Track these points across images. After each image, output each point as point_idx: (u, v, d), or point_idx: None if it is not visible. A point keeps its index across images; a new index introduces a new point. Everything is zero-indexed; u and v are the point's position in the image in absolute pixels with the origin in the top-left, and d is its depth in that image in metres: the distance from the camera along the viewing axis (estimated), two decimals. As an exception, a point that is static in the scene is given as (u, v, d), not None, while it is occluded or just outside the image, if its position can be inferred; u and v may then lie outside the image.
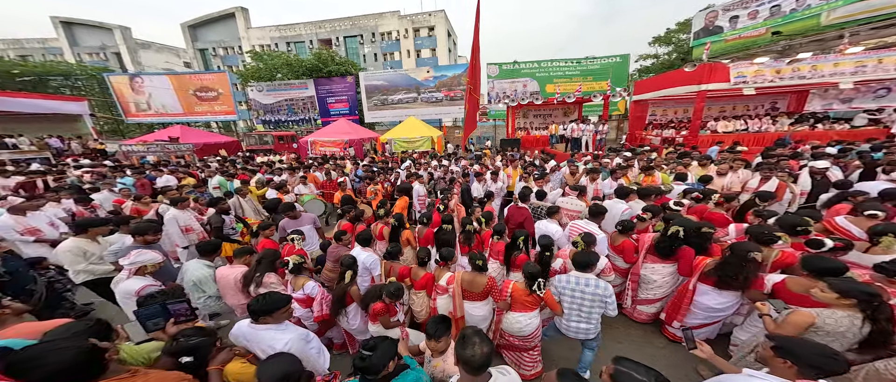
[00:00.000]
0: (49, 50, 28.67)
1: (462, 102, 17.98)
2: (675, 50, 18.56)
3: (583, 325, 1.81)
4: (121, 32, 29.29)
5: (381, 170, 6.07)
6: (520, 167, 5.40)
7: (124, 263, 1.97)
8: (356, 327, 2.00)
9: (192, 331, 1.33)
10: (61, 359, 0.94)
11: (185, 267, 2.20)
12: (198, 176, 6.62)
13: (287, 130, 17.70)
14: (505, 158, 6.41)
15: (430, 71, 18.72)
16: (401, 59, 31.32)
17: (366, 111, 19.31)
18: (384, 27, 31.21)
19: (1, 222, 2.85)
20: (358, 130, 13.20)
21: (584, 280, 1.77)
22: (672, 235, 2.06)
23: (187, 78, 18.72)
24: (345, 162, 7.55)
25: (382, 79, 19.14)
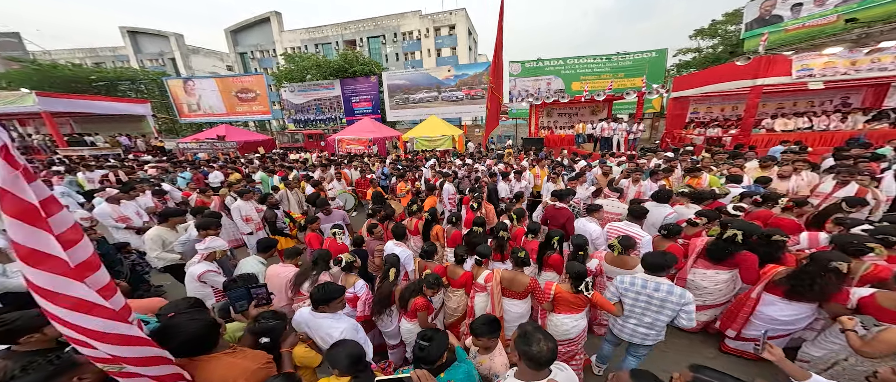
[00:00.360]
0: (118, 57, 32.67)
1: (483, 100, 17.80)
2: (722, 42, 16.83)
3: (642, 329, 1.71)
4: (175, 39, 32.59)
5: (406, 168, 6.22)
6: (546, 167, 5.25)
7: (199, 247, 2.19)
8: (391, 329, 1.98)
9: (269, 314, 1.46)
10: (194, 329, 1.11)
11: (242, 263, 2.31)
12: (243, 172, 7.19)
13: (315, 128, 18.69)
14: (531, 157, 6.26)
15: (451, 70, 18.73)
16: (421, 58, 31.62)
17: (388, 110, 19.80)
18: (406, 27, 31.63)
19: (100, 210, 3.29)
20: (381, 129, 13.57)
21: (654, 284, 1.63)
22: (728, 239, 1.89)
23: (230, 80, 20.41)
24: (373, 160, 7.82)
25: (404, 78, 19.48)
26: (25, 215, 0.77)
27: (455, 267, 2.22)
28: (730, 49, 15.73)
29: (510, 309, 2.01)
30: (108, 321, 0.87)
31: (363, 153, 10.42)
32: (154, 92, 23.60)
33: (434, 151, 10.10)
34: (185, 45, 33.21)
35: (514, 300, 2.01)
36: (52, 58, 28.25)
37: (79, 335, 0.87)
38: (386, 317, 1.92)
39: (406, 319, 1.88)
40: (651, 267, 1.68)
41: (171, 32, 32.60)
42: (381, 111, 19.99)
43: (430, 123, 12.95)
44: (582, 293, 1.77)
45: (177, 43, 32.60)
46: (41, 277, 0.79)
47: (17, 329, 1.14)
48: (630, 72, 14.21)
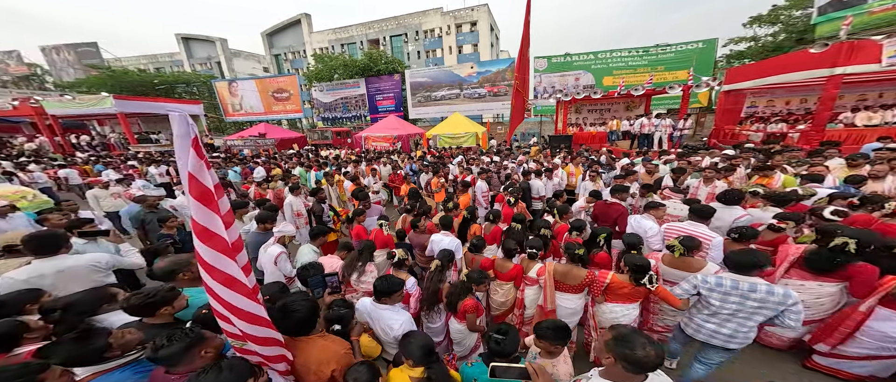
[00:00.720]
0: (174, 62, 36.49)
1: (505, 97, 17.39)
2: (784, 29, 14.79)
3: (725, 331, 1.54)
4: (220, 44, 35.65)
5: (432, 164, 6.27)
6: (581, 165, 5.01)
7: (274, 230, 2.37)
8: (437, 326, 1.94)
9: (340, 302, 1.54)
10: (306, 311, 1.21)
11: (300, 251, 2.46)
12: (283, 167, 7.68)
13: (341, 126, 19.51)
14: (562, 155, 6.00)
15: (473, 67, 18.50)
16: (443, 55, 31.56)
17: (410, 108, 20.08)
18: (427, 25, 31.71)
19: (179, 201, 3.66)
20: (405, 126, 13.82)
21: (749, 285, 1.47)
22: (836, 247, 1.66)
23: (267, 81, 21.92)
24: (402, 157, 8.00)
25: (426, 76, 19.60)
26: (204, 197, 0.90)
27: (504, 261, 2.19)
28: (796, 36, 13.77)
29: (563, 304, 1.95)
30: (246, 298, 0.98)
31: (392, 150, 10.69)
32: (204, 93, 26.08)
33: (460, 148, 10.08)
34: (228, 50, 36.21)
35: (567, 295, 1.95)
36: (123, 64, 32.25)
37: (223, 308, 0.98)
38: (434, 314, 1.91)
39: (455, 320, 1.83)
40: (739, 266, 1.53)
41: (217, 38, 35.71)
42: (404, 109, 20.33)
43: (454, 120, 12.93)
44: (644, 286, 1.68)
45: (222, 47, 35.65)
46: (208, 252, 0.92)
47: (156, 304, 1.30)
48: (672, 64, 13.02)
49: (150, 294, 1.30)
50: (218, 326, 1.19)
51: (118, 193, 4.15)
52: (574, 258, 1.91)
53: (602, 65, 14.64)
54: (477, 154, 7.30)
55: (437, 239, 2.49)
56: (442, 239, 2.46)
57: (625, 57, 14.10)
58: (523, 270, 2.13)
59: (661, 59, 13.34)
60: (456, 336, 1.84)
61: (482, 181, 4.29)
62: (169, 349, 0.97)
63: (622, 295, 1.79)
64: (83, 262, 1.84)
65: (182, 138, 0.86)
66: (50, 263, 1.74)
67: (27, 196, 4.02)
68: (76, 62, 32.57)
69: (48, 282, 1.68)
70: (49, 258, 1.75)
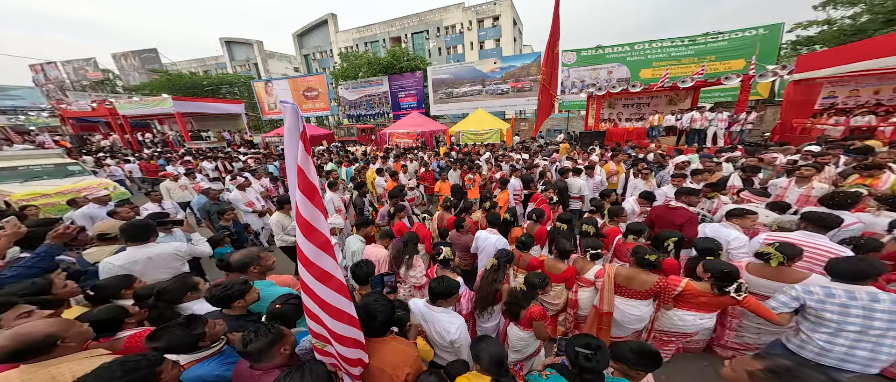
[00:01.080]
0: (218, 65, 39.86)
1: (530, 93, 16.75)
2: (868, 10, 12.54)
3: (861, 352, 1.27)
4: (257, 47, 38.27)
5: (460, 161, 6.18)
6: (623, 163, 4.63)
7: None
8: (490, 326, 1.86)
9: (398, 303, 1.49)
10: (388, 312, 1.21)
11: (348, 240, 2.55)
12: (314, 163, 8.05)
13: (366, 123, 20.09)
14: (600, 152, 5.61)
15: (496, 62, 18.03)
16: (464, 52, 31.18)
17: (432, 105, 20.11)
18: (449, 21, 31.43)
19: (233, 195, 3.91)
20: (428, 123, 13.86)
21: (868, 294, 1.25)
22: None
23: (299, 81, 23.15)
24: (429, 153, 8.02)
25: (448, 72, 19.46)
26: (309, 192, 0.90)
27: (556, 262, 2.07)
28: (884, 17, 11.64)
29: (627, 310, 1.80)
30: (339, 295, 0.97)
31: (418, 146, 10.79)
32: (244, 93, 28.23)
33: (485, 144, 9.91)
34: (264, 51, 38.78)
35: (631, 301, 1.80)
36: (177, 68, 35.83)
37: (315, 306, 0.97)
38: (487, 315, 1.83)
39: (518, 327, 1.66)
40: (850, 275, 1.30)
41: (254, 40, 38.38)
42: (425, 106, 20.42)
43: (477, 116, 12.73)
44: (728, 296, 1.48)
45: (258, 49, 38.26)
46: (308, 246, 0.92)
47: (233, 296, 1.36)
48: (725, 54, 11.66)
49: (228, 287, 1.36)
50: (288, 322, 1.24)
51: (185, 185, 4.59)
52: (642, 263, 1.74)
53: (639, 57, 13.52)
54: (505, 151, 7.09)
55: (484, 237, 2.40)
56: (489, 237, 2.37)
57: (667, 47, 12.88)
58: (577, 271, 2.00)
59: (711, 48, 12.00)
60: (517, 344, 1.69)
61: (516, 179, 4.14)
62: (256, 343, 0.98)
63: (698, 304, 1.62)
64: (168, 250, 2.00)
65: (292, 131, 0.86)
66: (142, 250, 1.89)
67: (108, 188, 4.58)
68: (140, 67, 36.82)
69: (139, 268, 1.82)
70: (141, 245, 1.90)
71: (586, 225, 2.33)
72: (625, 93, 9.11)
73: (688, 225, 2.27)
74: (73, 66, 34.77)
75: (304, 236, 0.91)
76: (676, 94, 9.60)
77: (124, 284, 1.55)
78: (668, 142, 7.35)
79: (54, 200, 4.08)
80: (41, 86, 32.55)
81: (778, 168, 3.16)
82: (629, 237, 2.25)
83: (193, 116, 16.41)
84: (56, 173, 5.05)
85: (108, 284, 1.55)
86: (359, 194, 3.70)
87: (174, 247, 2.05)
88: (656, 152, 4.83)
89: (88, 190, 3.03)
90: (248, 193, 4.03)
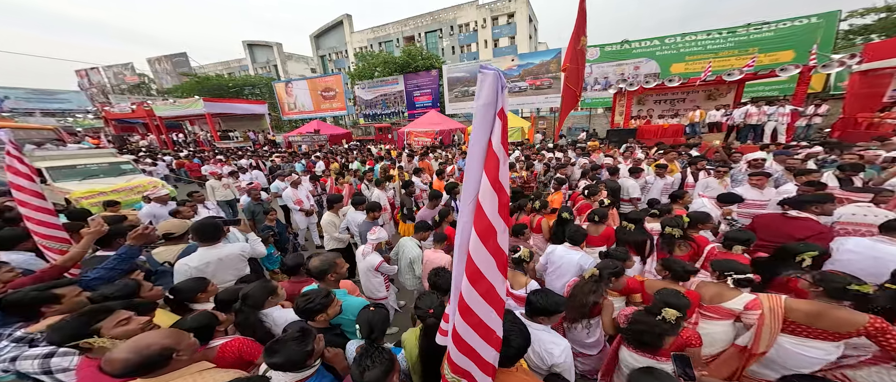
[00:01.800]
0: (241, 67, 41.47)
1: (549, 90, 16.18)
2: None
3: None
4: (276, 49, 39.47)
5: None
6: (677, 162, 4.24)
7: (371, 238, 2.27)
8: (592, 341, 1.65)
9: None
10: (522, 339, 1.04)
11: (402, 243, 2.39)
12: (340, 162, 8.01)
13: (381, 122, 20.19)
14: (648, 150, 5.19)
15: (514, 59, 17.53)
16: (478, 50, 30.74)
17: (447, 103, 19.90)
18: (462, 19, 31.05)
19: (287, 193, 3.83)
20: (446, 121, 13.70)
21: None
22: None
23: (317, 81, 23.58)
24: (453, 151, 7.84)
25: (464, 71, 19.15)
26: (497, 185, 0.71)
27: (657, 283, 1.69)
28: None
29: (806, 353, 1.32)
30: (497, 316, 0.80)
31: (438, 144, 10.64)
32: (265, 94, 29.19)
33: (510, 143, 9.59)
34: (283, 53, 39.94)
35: (819, 342, 1.30)
36: (205, 71, 37.61)
37: (467, 326, 0.80)
38: (582, 328, 1.61)
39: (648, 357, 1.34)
40: None
41: (274, 42, 39.59)
42: (441, 105, 20.25)
43: (497, 114, 12.42)
44: None
45: (278, 51, 39.45)
46: (483, 255, 0.74)
47: (315, 310, 1.25)
48: (770, 45, 10.70)
49: (311, 299, 1.26)
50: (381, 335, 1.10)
51: (228, 183, 4.64)
52: (836, 294, 1.28)
53: (670, 51, 12.69)
54: (534, 150, 6.77)
55: (562, 254, 2.05)
56: (568, 254, 2.03)
57: (702, 40, 12.00)
58: (704, 297, 1.57)
59: (754, 39, 11.05)
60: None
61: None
62: (373, 372, 0.90)
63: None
64: (235, 251, 1.93)
65: (487, 107, 0.65)
66: (213, 251, 1.83)
67: (158, 186, 4.69)
68: (172, 70, 38.92)
69: (211, 269, 1.76)
70: (212, 246, 1.84)
71: (670, 228, 2.02)
72: (660, 88, 8.53)
73: (816, 241, 1.74)
74: (113, 70, 37.26)
75: (481, 240, 0.72)
76: (716, 88, 8.89)
77: (201, 287, 1.49)
78: (710, 139, 6.77)
79: (110, 198, 4.23)
80: (86, 90, 35.10)
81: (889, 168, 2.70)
82: (735, 248, 1.80)
83: (221, 117, 17.08)
84: (110, 171, 5.24)
85: (185, 287, 1.48)
86: (406, 194, 3.57)
87: (240, 248, 1.99)
88: (722, 151, 4.37)
89: (154, 190, 3.04)
90: (299, 191, 3.95)
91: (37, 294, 1.17)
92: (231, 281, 1.86)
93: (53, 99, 27.79)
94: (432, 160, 6.85)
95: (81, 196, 4.16)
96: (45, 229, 1.82)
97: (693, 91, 9.44)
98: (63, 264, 1.57)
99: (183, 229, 2.11)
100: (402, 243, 2.42)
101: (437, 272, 1.64)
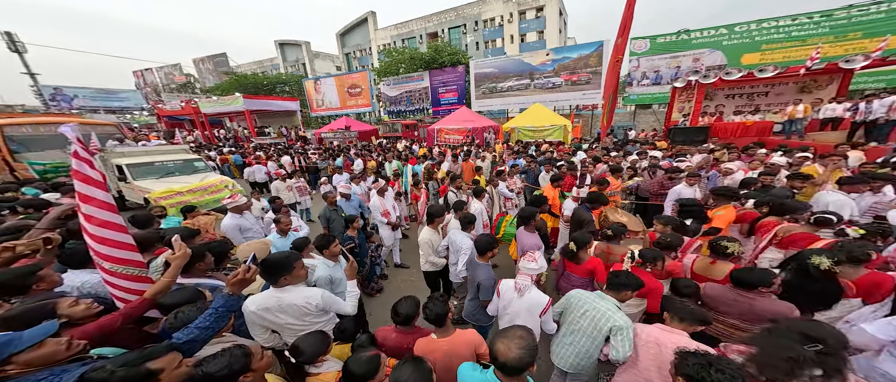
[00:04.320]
0: (273, 65, 43.15)
1: (587, 86, 14.85)
2: None
3: None
4: (305, 47, 40.55)
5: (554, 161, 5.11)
6: (829, 166, 3.20)
7: (528, 267, 1.55)
8: None
9: None
10: None
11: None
12: (377, 160, 7.51)
13: (406, 119, 19.81)
14: (768, 153, 4.08)
15: (549, 54, 16.28)
16: (503, 45, 29.42)
17: (473, 100, 19.07)
18: (488, 13, 29.80)
19: (373, 203, 3.16)
20: (478, 119, 12.93)
21: None
22: None
23: (344, 78, 23.71)
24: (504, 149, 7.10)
25: (493, 66, 18.16)
26: None
27: None
28: None
29: None
30: None
31: (470, 142, 9.94)
32: (295, 92, 30.04)
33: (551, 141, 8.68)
34: (311, 52, 40.98)
35: None
36: (242, 70, 39.52)
37: None
38: None
39: None
40: None
41: (302, 41, 40.72)
42: (467, 101, 19.47)
43: (535, 111, 11.45)
44: None
45: (306, 50, 40.53)
46: None
47: None
48: (879, 29, 8.79)
49: None
50: None
51: (291, 186, 4.28)
52: None
53: (742, 39, 10.94)
54: (602, 150, 5.81)
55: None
56: None
57: (786, 26, 10.15)
58: None
59: (855, 24, 9.14)
60: None
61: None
62: None
63: None
64: (299, 301, 1.39)
65: None
66: (277, 294, 1.36)
67: (228, 186, 4.43)
68: (214, 70, 41.39)
69: (271, 316, 1.35)
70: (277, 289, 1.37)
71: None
72: (745, 80, 7.17)
73: None
74: (165, 71, 40.28)
75: None
76: (814, 80, 7.37)
77: (323, 346, 1.10)
78: (826, 139, 5.45)
79: (186, 198, 3.98)
80: (141, 89, 38.26)
81: None
82: None
83: (257, 114, 17.55)
84: (184, 168, 5.04)
85: (308, 349, 1.08)
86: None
87: (305, 297, 1.39)
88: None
89: (233, 196, 2.58)
90: (386, 199, 3.24)
91: (126, 374, 0.79)
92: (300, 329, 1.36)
93: (115, 97, 30.43)
94: (475, 160, 6.16)
95: (160, 196, 3.91)
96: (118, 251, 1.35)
97: (780, 83, 7.94)
98: (152, 296, 1.25)
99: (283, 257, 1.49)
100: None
101: None
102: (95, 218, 1.31)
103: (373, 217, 3.12)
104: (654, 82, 13.18)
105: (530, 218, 2.16)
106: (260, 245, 1.68)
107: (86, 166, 1.31)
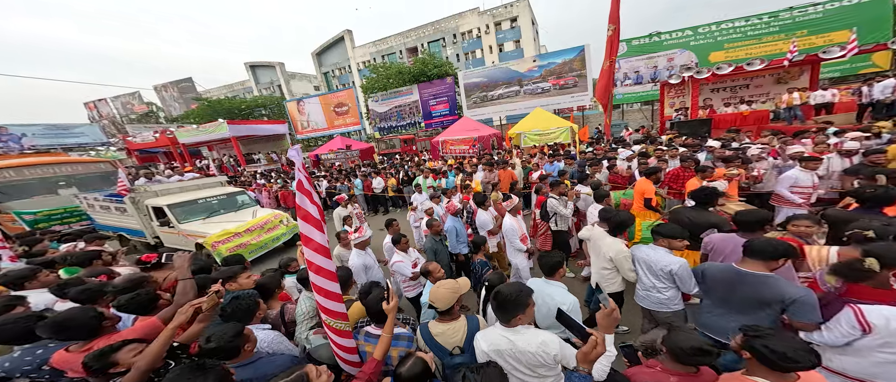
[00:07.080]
0: (245, 89, 40.52)
1: (574, 89, 15.41)
2: None
3: None
4: (279, 68, 38.64)
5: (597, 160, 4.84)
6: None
7: None
8: None
9: None
10: None
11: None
12: (398, 178, 6.98)
13: (398, 134, 19.24)
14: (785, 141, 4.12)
15: (535, 61, 16.79)
16: (483, 56, 30.18)
17: (465, 110, 19.04)
18: (465, 26, 30.59)
19: (508, 226, 2.36)
20: (481, 127, 12.76)
21: None
22: None
23: (329, 97, 22.66)
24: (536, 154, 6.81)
25: (481, 75, 18.35)
26: None
27: None
28: None
29: None
30: None
31: (478, 151, 9.63)
32: (276, 114, 28.19)
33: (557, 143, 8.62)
34: (286, 73, 39.13)
35: None
36: (211, 95, 36.59)
37: None
38: None
39: None
40: None
41: (276, 62, 38.80)
42: (458, 111, 19.38)
43: (537, 116, 11.48)
44: None
45: (281, 71, 38.62)
46: None
47: None
48: (820, 27, 10.03)
49: None
50: None
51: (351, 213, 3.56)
52: None
53: (706, 40, 11.98)
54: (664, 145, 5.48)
55: None
56: None
57: (741, 27, 11.29)
58: None
59: (800, 22, 10.37)
60: None
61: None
62: None
63: None
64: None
65: None
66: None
67: (283, 220, 3.63)
68: (179, 97, 37.85)
69: None
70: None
71: None
72: (737, 72, 7.66)
73: None
74: (121, 101, 36.08)
75: None
76: (787, 72, 8.10)
77: None
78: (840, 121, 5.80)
79: (244, 239, 3.16)
80: (97, 122, 33.83)
81: None
82: None
83: (242, 139, 16.01)
84: (228, 204, 4.20)
85: None
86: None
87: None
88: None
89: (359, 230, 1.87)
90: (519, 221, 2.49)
91: None
92: None
93: (69, 133, 26.34)
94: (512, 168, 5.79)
95: (217, 240, 3.10)
96: (333, 304, 1.10)
97: (758, 76, 8.64)
98: (382, 358, 1.09)
99: None
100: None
101: None
102: (313, 264, 1.05)
103: (508, 243, 2.38)
104: (636, 82, 13.93)
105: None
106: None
107: (307, 200, 1.01)
